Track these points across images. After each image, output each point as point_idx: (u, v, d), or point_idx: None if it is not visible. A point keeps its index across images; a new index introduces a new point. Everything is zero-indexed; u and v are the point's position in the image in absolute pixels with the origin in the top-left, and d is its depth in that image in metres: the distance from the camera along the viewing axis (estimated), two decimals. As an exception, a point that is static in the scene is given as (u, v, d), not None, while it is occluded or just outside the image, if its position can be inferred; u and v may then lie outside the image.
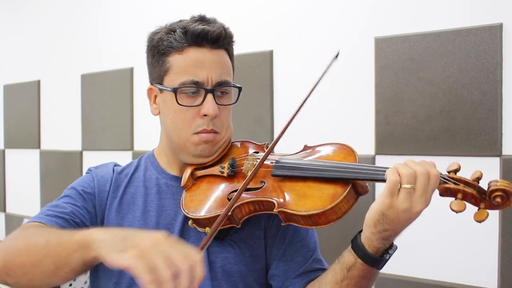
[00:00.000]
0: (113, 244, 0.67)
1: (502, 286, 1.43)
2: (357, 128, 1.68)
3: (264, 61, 1.89)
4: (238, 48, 2.11)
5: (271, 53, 1.88)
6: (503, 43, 1.43)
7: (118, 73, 2.38)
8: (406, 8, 1.60)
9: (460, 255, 1.50)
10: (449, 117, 1.50)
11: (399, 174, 0.75)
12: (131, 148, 2.34)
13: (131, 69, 2.33)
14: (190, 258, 0.64)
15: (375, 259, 0.80)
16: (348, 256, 0.83)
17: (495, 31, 1.43)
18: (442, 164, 0.81)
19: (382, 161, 1.61)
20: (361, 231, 0.82)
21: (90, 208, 1.00)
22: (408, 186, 0.74)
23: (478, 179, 0.76)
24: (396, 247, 0.82)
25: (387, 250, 0.80)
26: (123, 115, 2.36)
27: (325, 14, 1.77)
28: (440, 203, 0.78)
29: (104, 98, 2.45)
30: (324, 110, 1.76)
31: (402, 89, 1.58)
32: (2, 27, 3.04)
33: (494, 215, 1.44)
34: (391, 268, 1.63)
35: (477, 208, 0.75)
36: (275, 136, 1.86)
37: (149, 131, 2.24)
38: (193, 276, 0.63)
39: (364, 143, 1.65)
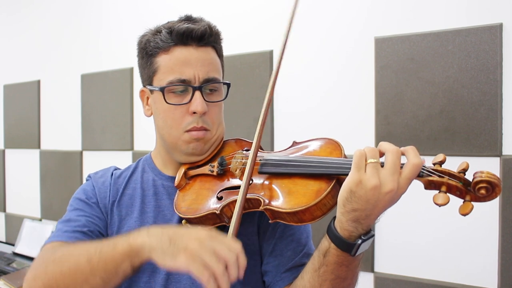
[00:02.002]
0: (163, 249, 0.72)
1: (502, 286, 1.43)
2: (357, 128, 1.68)
3: (264, 61, 1.89)
4: (238, 48, 2.13)
5: (271, 53, 1.88)
6: (503, 43, 1.43)
7: (118, 73, 2.38)
8: (406, 8, 1.60)
9: (460, 255, 1.50)
10: (449, 117, 1.50)
11: (364, 150, 0.75)
12: (131, 148, 2.34)
13: (131, 69, 2.33)
14: (234, 249, 0.71)
15: (347, 243, 0.76)
16: (324, 242, 0.81)
17: (495, 31, 1.43)
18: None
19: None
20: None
21: (100, 214, 1.02)
22: (373, 160, 0.73)
23: (464, 170, 0.73)
24: (373, 235, 0.78)
25: (361, 236, 0.77)
26: (123, 115, 2.36)
27: (325, 14, 1.77)
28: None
29: (104, 98, 2.45)
30: (324, 110, 1.76)
31: (402, 89, 1.58)
32: (2, 27, 3.04)
33: (494, 215, 1.44)
34: (391, 268, 1.64)
35: (462, 200, 0.72)
36: (275, 136, 1.86)
37: (149, 131, 2.24)
38: (239, 265, 0.70)
39: (364, 143, 1.64)
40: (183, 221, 0.96)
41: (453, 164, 0.77)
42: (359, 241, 0.76)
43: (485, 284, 1.46)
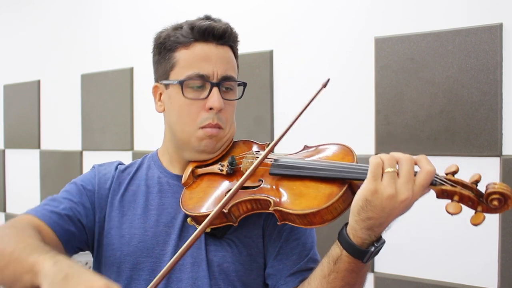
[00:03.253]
0: (53, 282, 0.68)
1: (502, 286, 1.43)
2: (357, 128, 1.68)
3: (264, 61, 1.89)
4: (238, 48, 2.11)
5: (271, 53, 1.88)
6: (503, 43, 1.43)
7: (118, 73, 2.38)
8: (406, 8, 1.60)
9: (460, 255, 1.50)
10: (449, 117, 1.50)
11: (381, 159, 0.75)
12: (131, 148, 2.34)
13: (131, 69, 2.33)
14: None
15: (360, 250, 0.77)
16: (335, 248, 0.81)
17: (495, 31, 1.43)
18: (442, 164, 0.80)
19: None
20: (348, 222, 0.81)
21: (87, 204, 1.01)
22: (391, 169, 0.73)
23: (476, 182, 0.74)
24: (384, 241, 0.79)
25: (373, 243, 0.77)
26: (123, 115, 2.36)
27: (325, 14, 1.77)
28: (439, 203, 0.78)
29: (104, 98, 2.45)
30: (324, 110, 1.76)
31: (402, 89, 1.58)
32: (2, 27, 3.04)
33: (494, 215, 1.44)
34: (391, 268, 1.64)
35: (474, 211, 0.74)
36: (275, 136, 1.86)
37: (149, 131, 2.24)
38: None
39: (364, 143, 1.65)
40: (189, 219, 0.96)
41: (453, 164, 0.77)
42: (372, 248, 0.77)
43: (485, 284, 1.46)
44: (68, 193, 1.01)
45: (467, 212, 0.74)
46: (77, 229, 0.98)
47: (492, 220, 1.45)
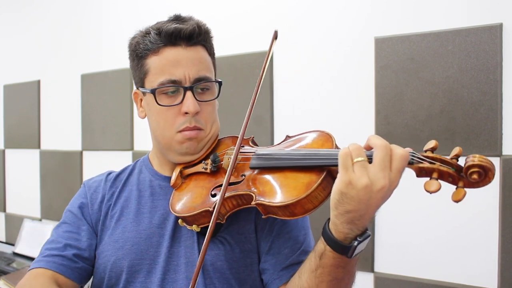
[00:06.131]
0: None
1: (502, 286, 1.43)
2: (357, 128, 1.68)
3: (264, 61, 1.89)
4: (238, 48, 2.12)
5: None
6: (503, 43, 1.43)
7: (118, 73, 2.38)
8: (406, 8, 1.60)
9: (460, 255, 1.50)
10: (449, 117, 1.50)
11: (349, 149, 0.73)
12: (131, 148, 2.34)
13: (131, 69, 2.33)
14: None
15: (343, 246, 0.75)
16: (319, 244, 0.79)
17: (495, 31, 1.43)
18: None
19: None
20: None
21: (86, 224, 1.04)
22: (360, 159, 0.71)
23: (457, 156, 0.71)
24: (369, 235, 0.76)
25: (357, 237, 0.75)
26: (123, 115, 2.36)
27: (325, 14, 1.77)
28: (439, 203, 0.77)
29: (104, 98, 2.45)
30: (324, 110, 1.76)
31: (402, 89, 1.58)
32: (2, 27, 3.04)
33: (494, 215, 1.44)
34: (391, 268, 1.64)
35: (455, 187, 0.70)
36: (275, 136, 1.86)
37: (149, 131, 2.24)
38: None
39: (364, 143, 1.64)
40: (179, 220, 0.96)
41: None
42: (355, 243, 0.75)
43: (485, 284, 1.46)
44: (66, 225, 1.04)
45: (468, 213, 0.73)
46: (85, 260, 1.00)
47: (492, 220, 1.45)
